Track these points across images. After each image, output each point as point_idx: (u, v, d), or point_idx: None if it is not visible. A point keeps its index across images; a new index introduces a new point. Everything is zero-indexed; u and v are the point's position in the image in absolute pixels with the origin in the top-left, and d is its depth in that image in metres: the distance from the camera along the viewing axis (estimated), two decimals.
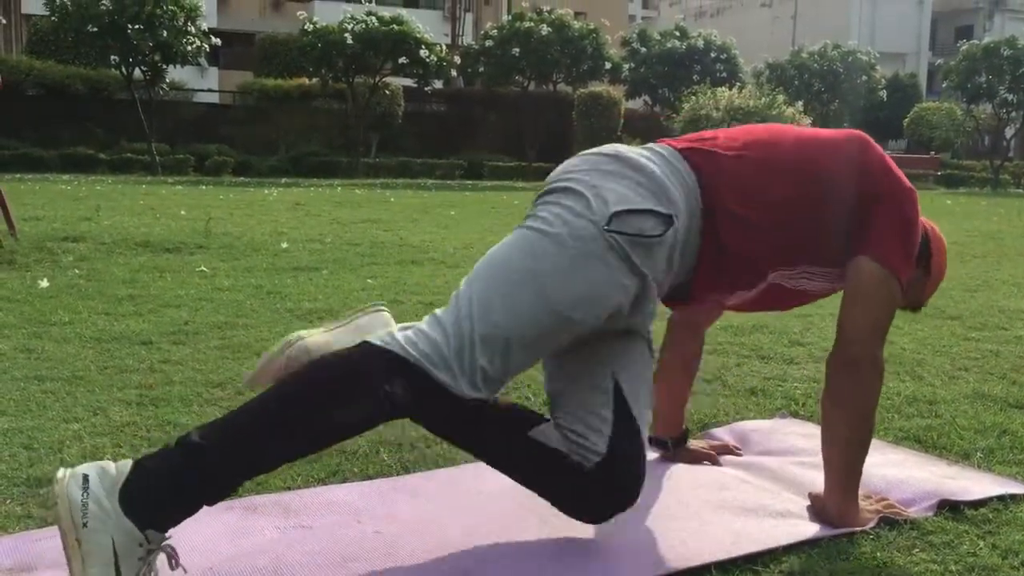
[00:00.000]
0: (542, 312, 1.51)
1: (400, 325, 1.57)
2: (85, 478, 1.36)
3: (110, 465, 1.39)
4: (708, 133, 1.80)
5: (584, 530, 1.76)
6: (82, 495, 1.35)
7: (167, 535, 1.42)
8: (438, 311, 1.54)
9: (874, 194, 1.74)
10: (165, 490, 1.39)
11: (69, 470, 1.38)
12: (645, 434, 1.66)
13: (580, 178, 1.60)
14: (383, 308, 1.67)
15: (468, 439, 1.65)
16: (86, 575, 1.33)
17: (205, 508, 1.45)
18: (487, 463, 1.69)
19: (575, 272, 1.52)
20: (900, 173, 1.80)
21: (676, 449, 2.19)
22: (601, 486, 1.61)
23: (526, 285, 1.51)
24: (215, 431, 1.43)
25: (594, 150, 1.70)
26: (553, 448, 1.62)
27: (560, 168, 1.69)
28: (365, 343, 1.50)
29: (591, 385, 1.64)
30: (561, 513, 1.67)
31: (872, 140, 1.83)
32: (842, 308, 1.77)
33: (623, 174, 1.60)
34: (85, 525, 1.34)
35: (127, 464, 1.39)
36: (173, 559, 1.43)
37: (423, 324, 1.53)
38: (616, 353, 1.65)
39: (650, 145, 1.74)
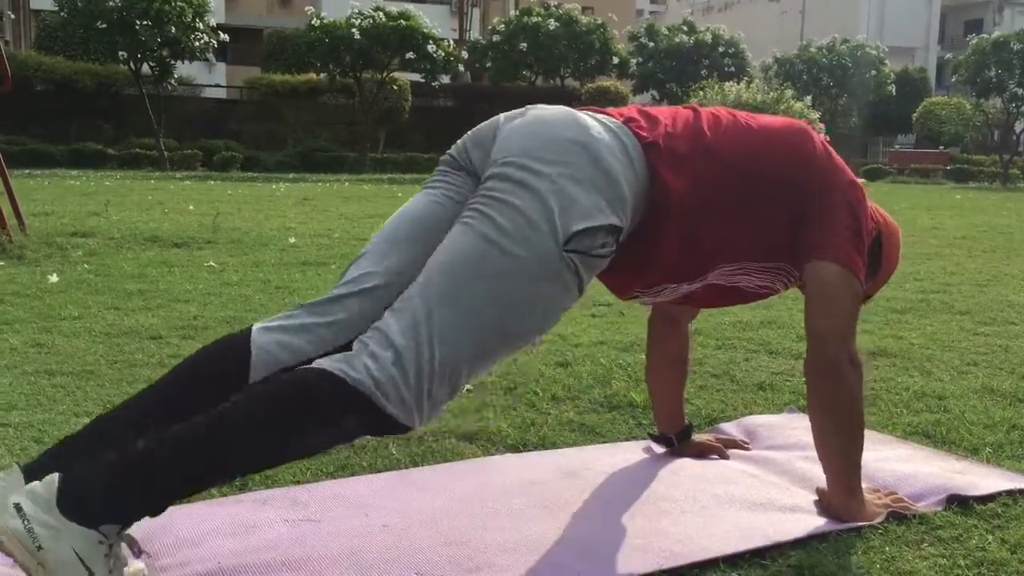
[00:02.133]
0: (503, 343, 1.51)
1: (358, 341, 1.47)
2: (17, 507, 1.34)
3: (35, 486, 1.36)
4: (662, 115, 1.71)
5: (592, 524, 1.77)
6: (23, 523, 1.33)
7: (124, 526, 1.40)
8: (393, 328, 1.44)
9: (821, 189, 1.74)
10: (105, 495, 1.36)
11: None
12: None
13: (546, 172, 1.51)
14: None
15: None
16: None
17: (215, 501, 1.45)
18: None
19: (538, 301, 1.50)
20: (844, 166, 1.80)
21: (681, 444, 2.19)
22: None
23: (491, 318, 1.47)
24: (163, 447, 1.38)
25: (561, 124, 1.58)
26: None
27: (527, 132, 1.57)
28: (324, 371, 1.42)
29: None
30: (570, 507, 1.66)
31: (814, 131, 1.81)
32: (808, 313, 1.76)
33: (587, 174, 1.52)
34: (40, 548, 1.32)
35: (52, 479, 1.36)
36: (134, 547, 1.43)
37: (379, 349, 1.42)
38: None
39: (610, 125, 1.62)
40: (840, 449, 1.78)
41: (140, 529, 1.50)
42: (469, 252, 1.48)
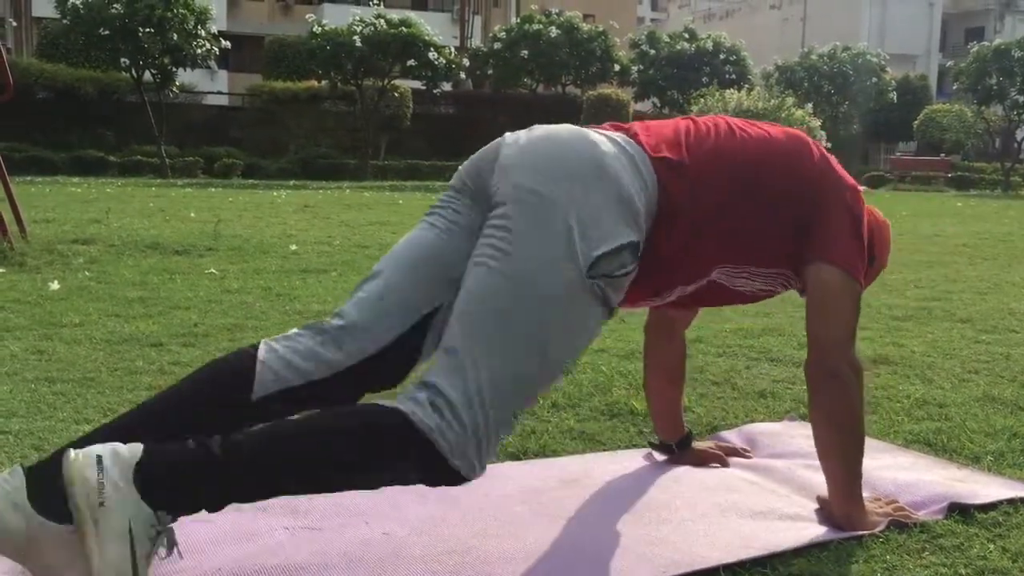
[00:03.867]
0: (548, 377, 1.53)
1: (421, 387, 1.47)
2: (99, 458, 1.35)
3: (120, 447, 1.38)
4: (663, 127, 1.71)
5: (593, 532, 1.76)
6: (98, 475, 1.34)
7: (172, 520, 1.41)
8: (444, 385, 1.44)
9: (820, 195, 1.74)
10: (180, 478, 1.38)
11: (81, 451, 1.37)
12: None
13: (556, 196, 1.49)
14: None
15: None
16: (103, 553, 1.33)
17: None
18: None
19: (573, 330, 1.52)
20: (843, 171, 1.80)
21: (682, 451, 2.18)
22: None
23: (534, 359, 1.49)
24: (238, 456, 1.40)
25: (568, 143, 1.57)
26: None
27: (533, 155, 1.56)
28: (404, 416, 1.42)
29: None
30: (571, 516, 1.65)
31: (812, 140, 1.82)
32: (810, 318, 1.76)
33: (601, 194, 1.52)
34: (102, 504, 1.33)
35: (137, 447, 1.38)
36: (172, 544, 1.43)
37: (441, 401, 1.43)
38: None
39: (617, 139, 1.62)
40: (841, 456, 1.78)
41: None
42: (500, 297, 1.48)
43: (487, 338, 1.47)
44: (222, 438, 1.40)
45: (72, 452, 1.37)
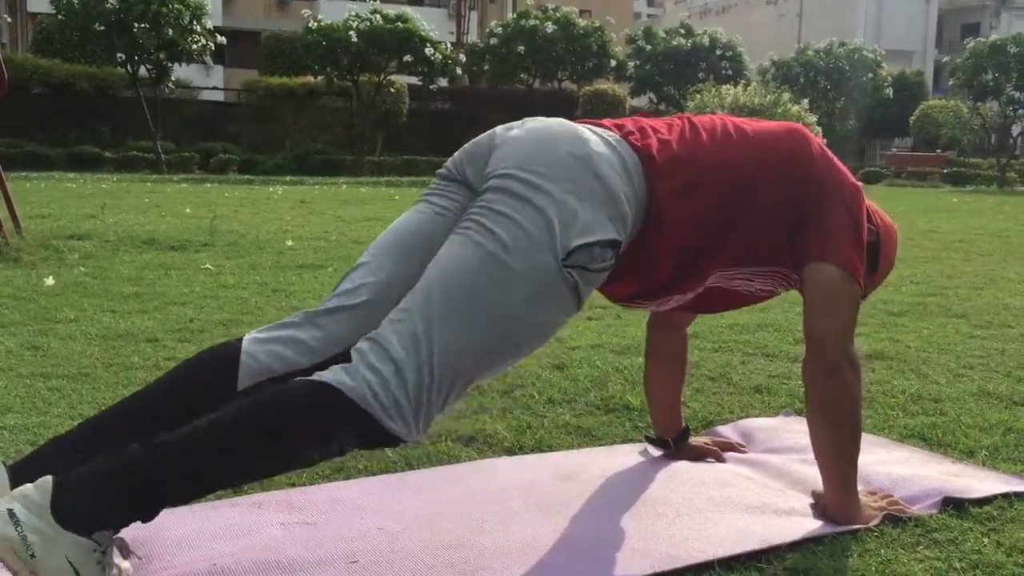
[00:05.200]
0: (501, 356, 1.50)
1: (356, 351, 1.45)
2: (10, 513, 1.32)
3: (28, 489, 1.34)
4: (658, 125, 1.71)
5: (588, 527, 1.76)
6: (16, 530, 1.31)
7: (116, 531, 1.39)
8: (392, 342, 1.43)
9: (819, 192, 1.74)
10: (99, 502, 1.35)
11: None
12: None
13: (545, 187, 1.50)
14: None
15: None
16: None
17: (209, 504, 1.45)
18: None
19: (537, 316, 1.50)
20: (843, 168, 1.80)
21: (678, 446, 2.19)
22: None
23: (490, 333, 1.47)
24: (155, 454, 1.37)
25: (560, 137, 1.58)
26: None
27: (525, 143, 1.57)
28: (323, 384, 1.41)
29: None
30: (567, 511, 1.65)
31: (811, 134, 1.81)
32: (807, 315, 1.76)
33: (587, 189, 1.52)
34: (33, 556, 1.31)
35: (46, 482, 1.34)
36: (124, 549, 1.42)
37: (378, 363, 1.42)
38: None
39: (608, 138, 1.62)
40: (837, 451, 1.78)
41: (134, 532, 1.50)
42: (468, 265, 1.48)
43: (443, 298, 1.46)
44: (144, 442, 1.37)
45: None
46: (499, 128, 1.65)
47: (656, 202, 1.60)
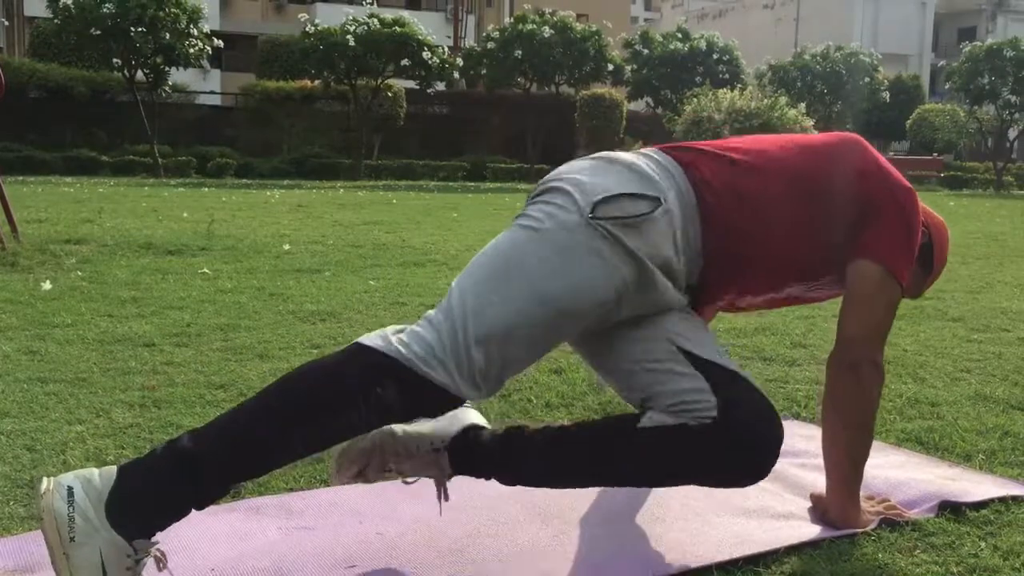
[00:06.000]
0: (535, 305, 1.49)
1: (392, 328, 1.54)
2: (70, 490, 1.33)
3: (94, 474, 1.36)
4: (716, 143, 1.75)
5: (586, 531, 1.77)
6: (68, 509, 1.32)
7: (155, 540, 1.40)
8: (430, 312, 1.52)
9: (876, 198, 1.73)
10: (154, 499, 1.37)
11: (53, 480, 1.36)
12: (745, 374, 1.59)
13: (567, 177, 1.60)
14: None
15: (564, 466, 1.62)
16: None
17: (208, 509, 1.45)
18: (601, 482, 1.65)
19: (564, 263, 1.50)
20: (898, 173, 1.80)
21: None
22: (732, 436, 1.52)
23: (517, 279, 1.49)
24: (208, 438, 1.40)
25: (588, 156, 1.70)
26: (672, 425, 1.54)
27: (552, 172, 1.68)
28: (357, 344, 1.48)
29: (656, 360, 1.58)
30: (565, 516, 1.65)
31: (866, 141, 1.82)
32: (843, 310, 1.76)
33: (609, 169, 1.60)
34: (72, 539, 1.32)
35: (111, 472, 1.37)
36: (161, 562, 1.42)
37: (416, 326, 1.50)
38: (660, 324, 1.60)
39: (652, 155, 1.69)
40: (846, 452, 1.77)
41: None
42: (500, 239, 1.58)
43: (475, 269, 1.54)
44: (195, 431, 1.41)
45: (45, 481, 1.36)
46: None
47: (725, 229, 1.63)
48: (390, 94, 22.99)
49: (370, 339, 1.48)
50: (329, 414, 1.43)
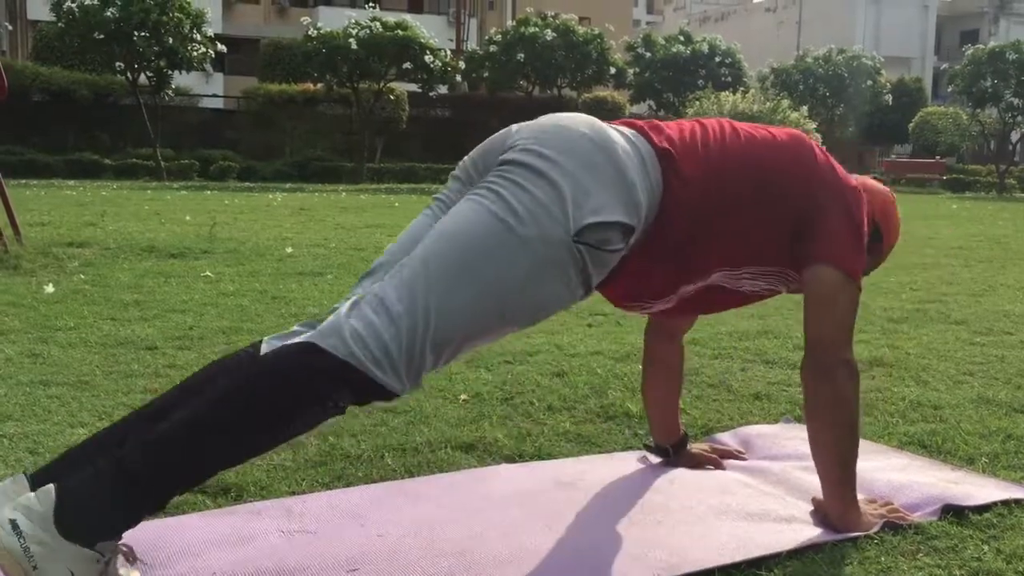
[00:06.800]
0: (494, 318, 1.50)
1: (348, 303, 1.46)
2: (13, 524, 1.32)
3: (31, 499, 1.34)
4: (669, 127, 1.74)
5: (588, 534, 1.76)
6: (19, 541, 1.31)
7: (119, 538, 1.39)
8: (389, 294, 1.44)
9: (821, 195, 1.75)
10: (101, 509, 1.35)
11: None
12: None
13: (561, 162, 1.52)
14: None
15: None
16: None
17: (209, 512, 1.45)
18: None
19: (534, 280, 1.49)
20: (843, 172, 1.82)
21: (678, 454, 2.19)
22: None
23: (486, 287, 1.46)
24: (146, 449, 1.37)
25: (579, 122, 1.61)
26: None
27: (542, 126, 1.60)
28: (311, 344, 1.41)
29: None
30: (567, 518, 1.65)
31: (813, 141, 1.83)
32: (807, 317, 1.77)
33: (604, 173, 1.54)
34: (35, 568, 1.31)
35: (48, 491, 1.34)
36: (129, 557, 1.42)
37: (373, 312, 1.42)
38: None
39: (625, 132, 1.66)
40: (835, 456, 1.78)
41: (134, 542, 1.50)
42: (476, 227, 1.48)
43: (447, 257, 1.46)
44: (137, 435, 1.39)
45: None
46: (514, 125, 1.67)
47: (669, 196, 1.62)
48: (392, 97, 22.98)
49: (324, 336, 1.41)
50: (284, 423, 1.42)
